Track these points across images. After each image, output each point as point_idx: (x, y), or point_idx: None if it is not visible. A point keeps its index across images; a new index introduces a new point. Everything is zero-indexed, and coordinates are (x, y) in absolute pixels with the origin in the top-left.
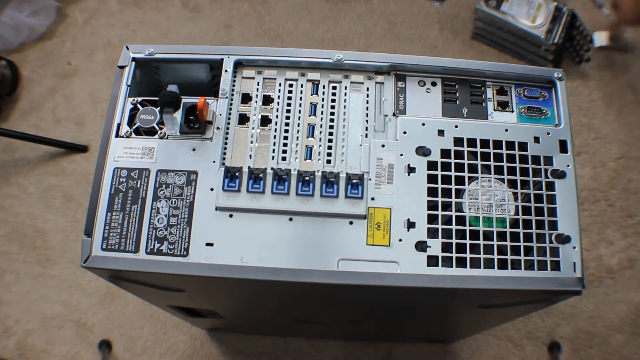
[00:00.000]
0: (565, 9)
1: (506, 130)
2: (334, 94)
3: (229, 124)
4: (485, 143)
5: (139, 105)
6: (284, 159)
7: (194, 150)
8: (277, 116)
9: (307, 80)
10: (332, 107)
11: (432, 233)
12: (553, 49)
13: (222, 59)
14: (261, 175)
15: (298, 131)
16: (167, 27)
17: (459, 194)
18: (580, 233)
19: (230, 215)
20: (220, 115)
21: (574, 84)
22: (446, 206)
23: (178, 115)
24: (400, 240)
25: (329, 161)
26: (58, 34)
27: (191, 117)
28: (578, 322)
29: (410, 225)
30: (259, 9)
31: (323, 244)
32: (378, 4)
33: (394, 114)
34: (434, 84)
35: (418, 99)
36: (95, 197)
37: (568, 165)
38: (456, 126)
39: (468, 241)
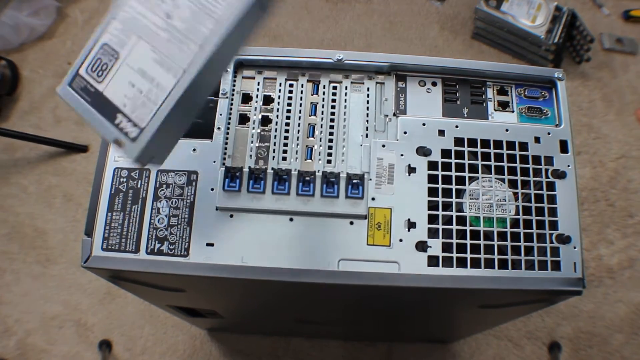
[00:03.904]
0: (566, 9)
1: (507, 130)
2: (334, 94)
3: (229, 124)
4: (485, 143)
5: None
6: (284, 159)
7: (194, 150)
8: (277, 116)
9: (308, 80)
10: (333, 107)
11: (432, 233)
12: (553, 49)
13: None
14: (261, 175)
15: (298, 131)
16: None
17: (460, 194)
18: (581, 233)
19: (231, 216)
20: (221, 115)
21: (574, 84)
22: (447, 206)
23: None
24: (400, 240)
25: (329, 161)
26: (58, 34)
27: None
28: (578, 322)
29: (411, 225)
30: None
31: (323, 244)
32: (378, 4)
33: (394, 114)
34: (434, 84)
35: (418, 99)
36: (95, 197)
37: (568, 166)
38: (457, 126)
39: (468, 241)
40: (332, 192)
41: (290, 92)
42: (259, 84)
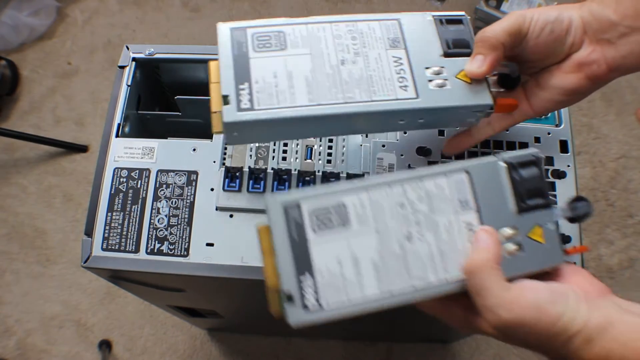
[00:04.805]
0: None
1: (507, 130)
2: None
3: None
4: (485, 143)
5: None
6: (284, 159)
7: (194, 150)
8: None
9: None
10: None
11: None
12: None
13: None
14: (261, 175)
15: None
16: (167, 27)
17: None
18: (581, 233)
19: (231, 216)
20: None
21: None
22: None
23: None
24: None
25: (329, 161)
26: (58, 34)
27: None
28: None
29: None
30: (259, 9)
31: None
32: (378, 4)
33: None
34: None
35: None
36: (95, 197)
37: (568, 166)
38: (457, 126)
39: None
40: None
41: None
42: None
